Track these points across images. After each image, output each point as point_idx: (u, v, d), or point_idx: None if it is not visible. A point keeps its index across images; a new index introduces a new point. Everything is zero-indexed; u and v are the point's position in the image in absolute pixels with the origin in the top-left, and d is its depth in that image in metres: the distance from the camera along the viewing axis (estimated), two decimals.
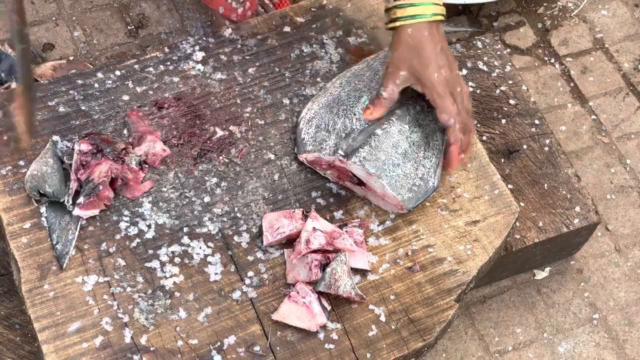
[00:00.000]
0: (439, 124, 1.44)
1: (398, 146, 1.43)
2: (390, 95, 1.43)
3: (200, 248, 1.41)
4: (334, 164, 1.45)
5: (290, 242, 1.43)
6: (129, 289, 1.37)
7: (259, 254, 1.42)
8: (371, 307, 1.39)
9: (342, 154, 1.42)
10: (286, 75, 1.60)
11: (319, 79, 1.59)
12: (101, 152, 1.42)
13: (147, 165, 1.47)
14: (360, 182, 1.45)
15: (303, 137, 1.48)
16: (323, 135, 1.46)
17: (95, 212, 1.41)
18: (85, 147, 1.41)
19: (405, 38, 1.40)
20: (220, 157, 1.50)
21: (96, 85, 1.55)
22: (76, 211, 1.39)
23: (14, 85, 1.81)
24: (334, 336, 1.36)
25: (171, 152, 1.49)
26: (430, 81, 1.40)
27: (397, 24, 1.40)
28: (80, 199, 1.39)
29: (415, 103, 1.47)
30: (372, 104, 1.44)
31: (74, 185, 1.40)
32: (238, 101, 1.56)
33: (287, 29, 1.64)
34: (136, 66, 1.58)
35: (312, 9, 1.67)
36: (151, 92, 1.56)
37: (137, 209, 1.44)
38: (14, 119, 1.29)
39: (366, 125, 1.44)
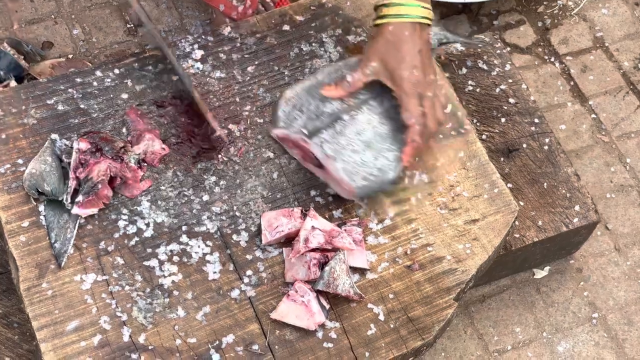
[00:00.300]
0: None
1: (362, 134, 1.43)
2: (353, 81, 1.43)
3: (198, 247, 1.41)
4: (298, 142, 1.45)
5: (289, 240, 1.42)
6: (127, 287, 1.37)
7: (258, 253, 1.42)
8: (370, 305, 1.39)
9: (306, 133, 1.43)
10: (285, 73, 1.60)
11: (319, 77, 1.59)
12: (100, 150, 1.41)
13: (145, 164, 1.47)
14: (320, 165, 1.45)
15: (279, 114, 1.48)
16: (296, 114, 1.46)
17: (94, 210, 1.41)
18: (84, 145, 1.41)
19: (386, 34, 1.41)
20: (219, 156, 1.50)
21: (95, 83, 1.55)
22: (75, 210, 1.39)
23: (13, 83, 1.81)
24: (333, 335, 1.36)
25: (170, 151, 1.49)
26: (400, 78, 1.40)
27: (383, 21, 1.41)
28: (79, 198, 1.39)
29: (392, 97, 1.47)
30: (334, 84, 1.45)
31: (72, 183, 1.39)
32: (237, 100, 1.56)
33: (286, 27, 1.64)
34: (135, 64, 1.58)
35: (312, 8, 1.67)
36: (150, 91, 1.55)
37: (135, 207, 1.44)
38: None
39: (336, 111, 1.45)
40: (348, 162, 1.41)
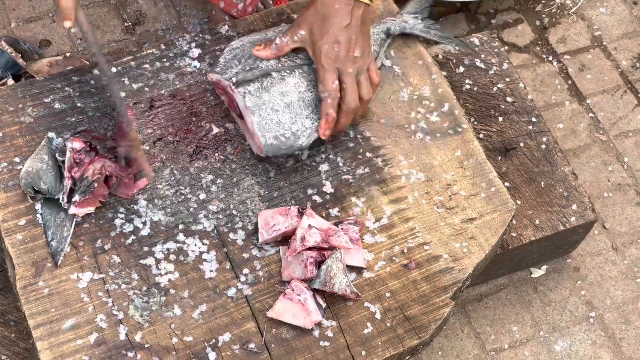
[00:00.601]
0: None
1: (286, 96, 1.45)
2: (280, 44, 1.45)
3: (195, 245, 1.41)
4: (226, 90, 1.48)
5: (285, 239, 1.42)
6: (124, 286, 1.37)
7: (255, 252, 1.42)
8: (367, 304, 1.39)
9: (234, 81, 1.45)
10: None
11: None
12: (95, 149, 1.41)
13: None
14: (241, 116, 1.48)
15: (220, 60, 1.51)
16: (234, 64, 1.48)
17: (91, 209, 1.41)
18: (78, 145, 1.41)
19: (317, 3, 1.42)
20: (216, 155, 1.50)
21: (92, 82, 1.55)
22: (72, 210, 1.39)
23: (10, 81, 1.81)
24: (330, 334, 1.36)
25: (166, 150, 1.49)
26: (320, 51, 1.42)
27: None
28: (76, 197, 1.39)
29: None
30: (264, 44, 1.47)
31: (68, 183, 1.39)
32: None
33: (284, 26, 1.64)
34: (132, 63, 1.58)
35: None
36: (147, 89, 1.55)
37: (132, 206, 1.44)
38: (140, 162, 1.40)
39: (270, 68, 1.46)
40: (264, 119, 1.43)
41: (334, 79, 1.42)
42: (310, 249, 1.38)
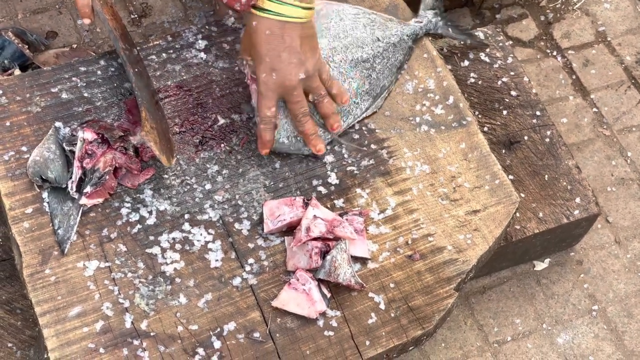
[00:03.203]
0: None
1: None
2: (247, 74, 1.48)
3: (201, 235, 1.42)
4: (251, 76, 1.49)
5: (290, 229, 1.43)
6: (129, 274, 1.37)
7: (260, 241, 1.42)
8: (371, 295, 1.40)
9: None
10: None
11: None
12: (107, 141, 1.42)
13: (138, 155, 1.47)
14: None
15: None
16: None
17: (100, 200, 1.42)
18: (90, 135, 1.42)
19: (249, 28, 1.41)
20: (222, 145, 1.51)
21: (99, 72, 1.56)
22: (82, 200, 1.40)
23: (17, 71, 1.82)
24: (334, 323, 1.37)
25: (173, 140, 1.50)
26: (258, 77, 1.41)
27: (254, 12, 1.39)
28: (87, 189, 1.39)
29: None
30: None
31: (77, 172, 1.40)
32: (240, 89, 1.57)
33: None
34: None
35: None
36: (153, 80, 1.56)
37: (138, 195, 1.45)
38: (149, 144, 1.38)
39: None
40: (281, 119, 1.46)
41: (270, 105, 1.42)
42: (315, 239, 1.38)
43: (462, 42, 1.76)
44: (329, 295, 1.38)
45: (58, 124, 1.48)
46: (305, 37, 1.40)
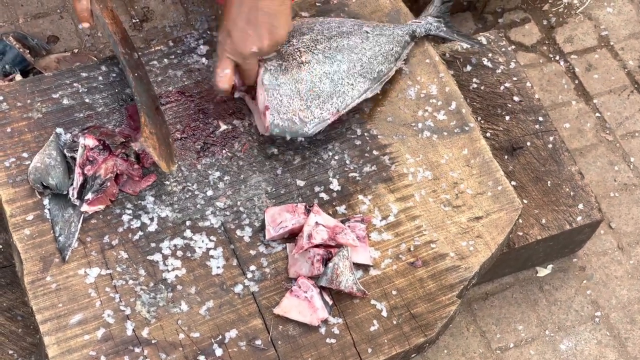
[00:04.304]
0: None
1: (299, 82, 1.47)
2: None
3: (202, 242, 1.41)
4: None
5: (292, 236, 1.43)
6: (131, 281, 1.37)
7: (261, 248, 1.42)
8: (373, 302, 1.39)
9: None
10: None
11: None
12: (108, 148, 1.42)
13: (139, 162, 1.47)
14: (251, 91, 1.52)
15: None
16: None
17: (101, 207, 1.41)
18: (91, 142, 1.41)
19: None
20: (224, 151, 1.50)
21: (100, 78, 1.55)
22: (84, 207, 1.39)
23: (18, 77, 1.81)
24: (336, 331, 1.36)
25: (174, 146, 1.49)
26: (219, 37, 1.44)
27: None
28: (89, 196, 1.39)
29: (340, 61, 1.51)
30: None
31: (79, 179, 1.40)
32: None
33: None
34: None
35: (317, 4, 1.67)
36: (155, 86, 1.55)
37: (140, 202, 1.44)
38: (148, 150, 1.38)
39: (290, 50, 1.49)
40: (276, 99, 1.46)
41: (224, 67, 1.44)
42: (316, 246, 1.38)
43: (465, 48, 1.76)
44: (331, 302, 1.38)
45: (59, 130, 1.48)
46: (275, 15, 1.40)
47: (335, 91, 1.49)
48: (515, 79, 1.75)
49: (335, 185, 1.49)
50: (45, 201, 1.42)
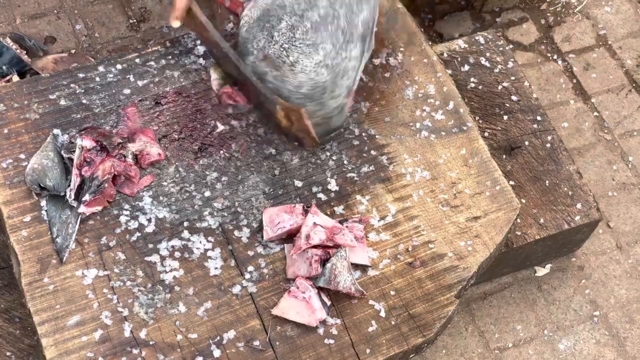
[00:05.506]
0: None
1: (301, 87, 1.46)
2: None
3: (200, 242, 1.41)
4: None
5: (290, 237, 1.42)
6: (128, 282, 1.37)
7: (259, 249, 1.42)
8: (371, 302, 1.39)
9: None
10: None
11: None
12: (105, 149, 1.41)
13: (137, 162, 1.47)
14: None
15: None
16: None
17: (99, 208, 1.41)
18: (88, 143, 1.41)
19: None
20: (221, 152, 1.50)
21: (97, 78, 1.55)
22: (81, 208, 1.39)
23: (15, 77, 1.81)
24: (334, 331, 1.36)
25: (171, 147, 1.49)
26: None
27: None
28: (86, 197, 1.39)
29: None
30: None
31: (76, 180, 1.39)
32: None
33: None
34: (137, 60, 1.58)
35: None
36: (152, 86, 1.55)
37: (137, 203, 1.44)
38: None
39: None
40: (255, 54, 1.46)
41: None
42: (314, 246, 1.38)
43: (462, 47, 1.75)
44: (329, 303, 1.37)
45: (56, 131, 1.47)
46: None
47: (337, 75, 1.47)
48: (513, 78, 1.75)
49: (333, 186, 1.48)
50: (43, 202, 1.41)
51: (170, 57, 1.59)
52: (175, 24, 1.44)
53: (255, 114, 1.53)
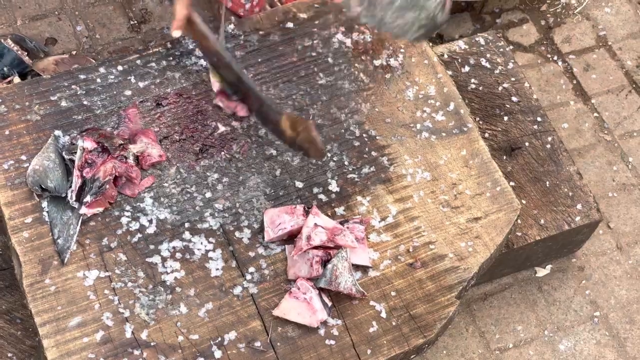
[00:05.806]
0: None
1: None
2: None
3: (201, 243, 1.41)
4: None
5: (291, 238, 1.42)
6: (130, 284, 1.37)
7: (260, 250, 1.42)
8: (372, 303, 1.39)
9: None
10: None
11: (320, 74, 1.59)
12: (106, 150, 1.42)
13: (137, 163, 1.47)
14: None
15: None
16: None
17: (100, 209, 1.41)
18: (89, 144, 1.41)
19: None
20: (222, 153, 1.50)
21: (98, 80, 1.55)
22: (83, 209, 1.39)
23: (16, 79, 1.81)
24: (335, 332, 1.36)
25: (172, 148, 1.49)
26: None
27: None
28: (87, 198, 1.39)
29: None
30: None
31: (77, 181, 1.39)
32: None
33: (289, 24, 1.64)
34: (138, 61, 1.58)
35: (315, 5, 1.67)
36: (153, 87, 1.55)
37: (138, 204, 1.44)
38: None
39: None
40: None
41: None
42: (315, 247, 1.38)
43: (463, 48, 1.75)
44: (330, 303, 1.38)
45: (57, 132, 1.48)
46: None
47: (367, 14, 1.47)
48: (513, 79, 1.75)
49: (334, 187, 1.49)
50: (44, 204, 1.42)
51: (171, 58, 1.59)
52: (176, 33, 1.44)
53: (258, 122, 1.53)
